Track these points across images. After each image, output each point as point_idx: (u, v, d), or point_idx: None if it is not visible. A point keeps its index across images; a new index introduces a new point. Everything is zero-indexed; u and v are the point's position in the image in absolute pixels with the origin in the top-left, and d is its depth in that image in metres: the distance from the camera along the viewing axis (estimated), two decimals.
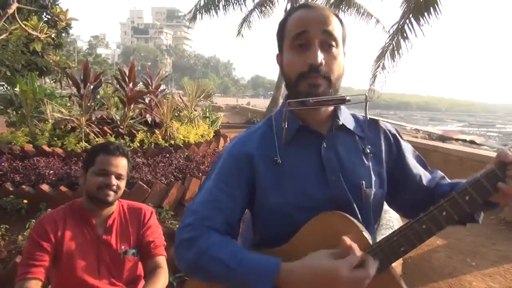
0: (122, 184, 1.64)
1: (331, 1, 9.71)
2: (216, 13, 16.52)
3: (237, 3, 16.54)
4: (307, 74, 0.91)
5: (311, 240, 0.89)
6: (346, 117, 1.03)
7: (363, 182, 0.97)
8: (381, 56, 7.39)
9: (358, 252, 0.80)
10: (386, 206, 1.15)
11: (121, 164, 1.64)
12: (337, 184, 0.95)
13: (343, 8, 10.55)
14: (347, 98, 0.92)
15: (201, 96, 8.61)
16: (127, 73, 4.57)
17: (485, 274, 3.69)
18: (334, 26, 0.94)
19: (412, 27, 7.13)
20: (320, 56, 0.91)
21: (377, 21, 15.33)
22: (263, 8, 17.33)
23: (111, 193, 1.60)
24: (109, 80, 5.63)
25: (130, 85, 4.58)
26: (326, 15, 0.94)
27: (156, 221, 1.82)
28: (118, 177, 1.62)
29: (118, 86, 4.61)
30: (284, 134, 0.98)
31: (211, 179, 1.00)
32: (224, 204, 0.95)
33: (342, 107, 1.03)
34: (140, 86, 5.68)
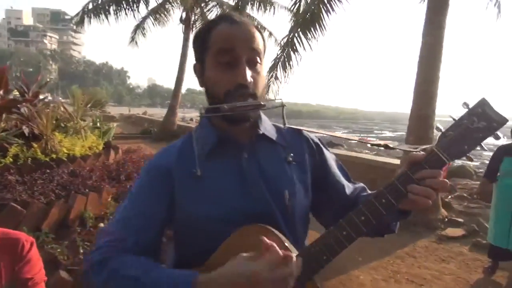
0: None
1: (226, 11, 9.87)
2: (107, 18, 15.56)
3: (130, 9, 15.79)
4: (234, 93, 0.90)
5: (232, 255, 0.82)
6: (267, 127, 1.03)
7: (287, 191, 0.95)
8: (273, 67, 7.71)
9: (278, 250, 0.77)
10: None
11: None
12: (259, 195, 0.93)
13: None
14: (263, 103, 0.92)
15: (91, 105, 7.99)
16: None
17: (371, 268, 4.04)
18: (259, 42, 0.95)
19: (301, 40, 7.59)
20: (248, 75, 0.91)
21: (270, 34, 16.06)
22: (157, 16, 16.87)
23: None
24: None
25: (1, 92, 4.03)
26: (252, 31, 0.94)
27: (37, 254, 1.57)
28: None
29: None
30: (202, 145, 0.97)
31: (128, 197, 0.98)
32: (139, 223, 0.93)
33: (264, 117, 1.04)
34: (15, 94, 5.04)
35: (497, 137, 0.83)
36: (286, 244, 0.84)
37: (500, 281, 3.76)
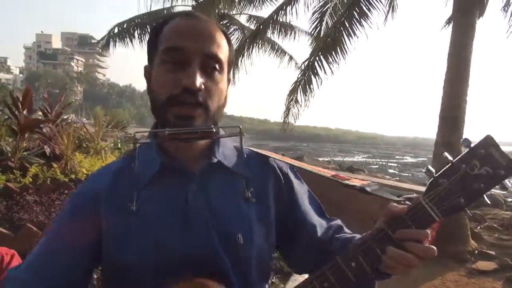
0: None
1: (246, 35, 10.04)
2: (131, 41, 15.99)
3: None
4: (179, 99, 0.74)
5: None
6: (226, 152, 0.85)
7: (240, 235, 0.78)
8: (294, 90, 7.67)
9: None
10: None
11: None
12: (203, 238, 0.76)
13: (258, 41, 10.91)
14: (215, 130, 0.77)
15: (112, 126, 8.06)
16: (21, 99, 4.07)
17: None
18: (221, 46, 0.79)
19: (322, 64, 7.55)
20: (199, 80, 0.74)
21: (291, 57, 16.15)
22: None
23: None
24: None
25: (25, 112, 4.08)
26: (210, 30, 0.78)
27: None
28: None
29: (9, 113, 4.07)
30: (140, 174, 0.79)
31: (50, 228, 0.82)
32: (57, 262, 0.75)
33: (223, 139, 0.85)
34: (39, 114, 5.12)
35: (504, 188, 0.66)
36: None
37: None
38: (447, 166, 0.67)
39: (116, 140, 9.13)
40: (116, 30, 16.01)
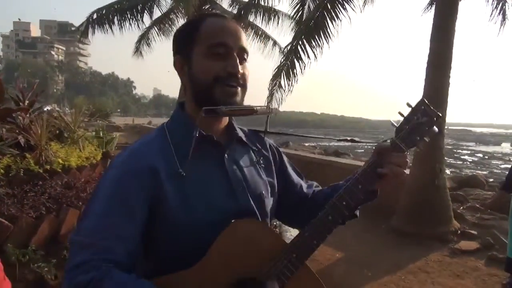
0: None
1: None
2: (111, 28, 15.58)
3: (134, 19, 15.81)
4: (224, 80, 0.92)
5: (229, 253, 0.88)
6: (237, 129, 1.07)
7: (263, 192, 1.02)
8: (277, 75, 7.55)
9: None
10: None
11: None
12: (243, 195, 0.97)
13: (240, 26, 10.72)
14: (256, 108, 0.96)
15: (95, 115, 7.87)
16: None
17: (381, 284, 3.82)
18: (245, 42, 0.99)
19: (305, 48, 7.44)
20: (240, 67, 0.94)
21: (275, 43, 15.99)
22: (161, 26, 16.87)
23: None
24: None
25: None
26: (240, 30, 0.98)
27: (1, 275, 1.45)
28: None
29: None
30: (182, 142, 0.93)
31: (101, 200, 0.86)
32: (125, 230, 0.84)
33: (233, 119, 1.05)
34: (12, 104, 4.91)
35: (437, 130, 0.99)
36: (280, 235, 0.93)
37: None
38: (404, 118, 0.97)
39: (98, 129, 8.94)
40: (95, 16, 15.56)
